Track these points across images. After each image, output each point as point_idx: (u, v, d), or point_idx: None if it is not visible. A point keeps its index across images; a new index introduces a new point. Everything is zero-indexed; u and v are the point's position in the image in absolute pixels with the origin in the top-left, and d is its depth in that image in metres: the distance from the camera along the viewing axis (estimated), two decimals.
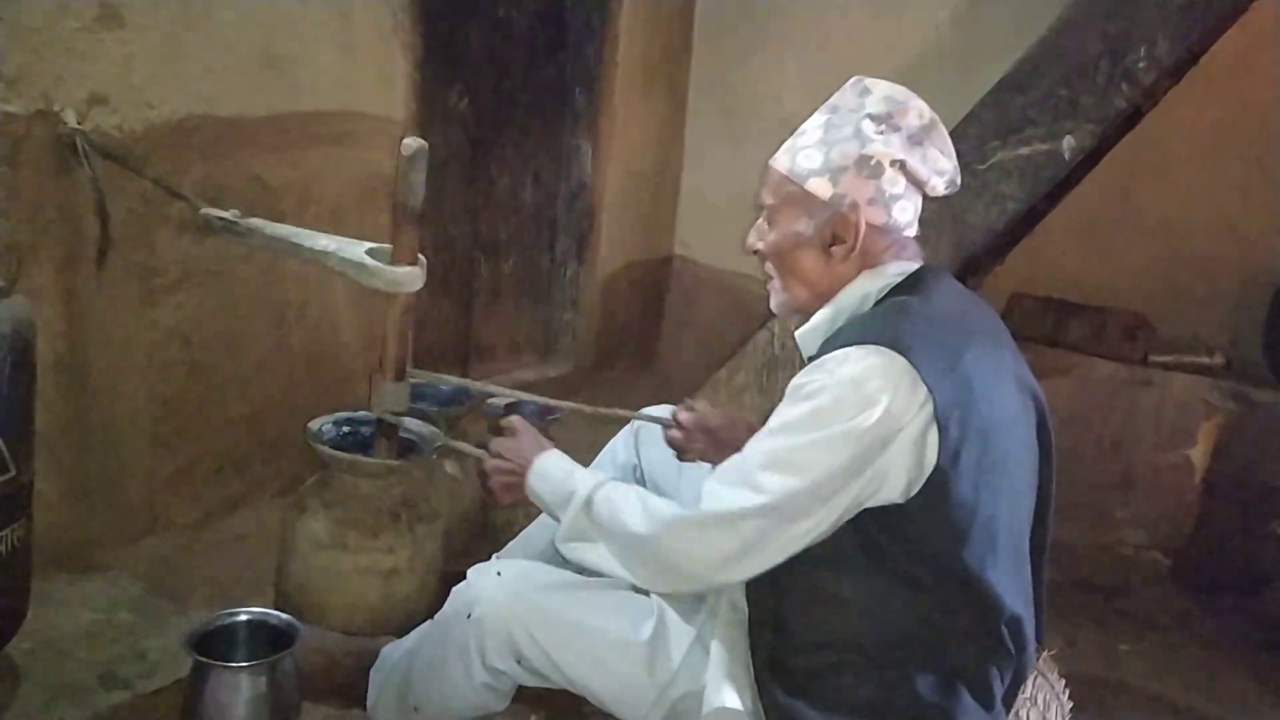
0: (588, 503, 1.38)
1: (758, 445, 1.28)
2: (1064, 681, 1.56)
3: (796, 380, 1.28)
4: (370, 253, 1.70)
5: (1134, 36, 2.24)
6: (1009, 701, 1.37)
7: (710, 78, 3.62)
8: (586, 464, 1.83)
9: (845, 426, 1.21)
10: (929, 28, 3.14)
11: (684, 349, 3.76)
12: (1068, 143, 2.32)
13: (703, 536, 1.28)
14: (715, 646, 1.35)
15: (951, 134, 1.39)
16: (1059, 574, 1.47)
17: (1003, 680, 1.33)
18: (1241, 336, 3.06)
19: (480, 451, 1.58)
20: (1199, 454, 2.83)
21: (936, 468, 1.21)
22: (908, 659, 1.28)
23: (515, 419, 1.59)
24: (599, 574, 1.40)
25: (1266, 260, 3.05)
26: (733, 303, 3.52)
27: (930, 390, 1.20)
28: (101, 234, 1.87)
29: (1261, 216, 3.07)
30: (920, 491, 1.23)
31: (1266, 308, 2.99)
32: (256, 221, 1.84)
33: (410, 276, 1.68)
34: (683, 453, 1.73)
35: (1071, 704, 1.56)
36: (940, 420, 1.21)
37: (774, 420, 1.28)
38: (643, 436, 1.84)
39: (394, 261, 1.68)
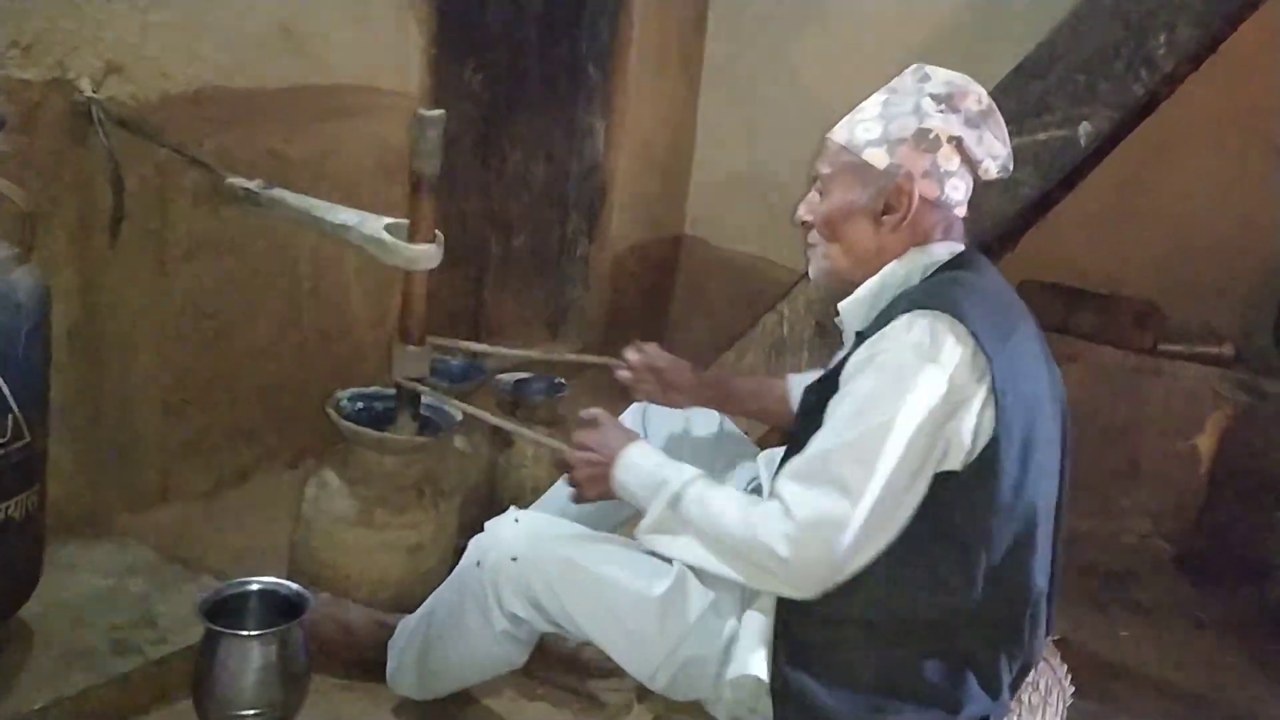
0: (676, 498, 1.33)
1: (834, 436, 1.25)
2: (1066, 667, 1.57)
3: (859, 354, 1.28)
4: (389, 228, 1.70)
5: (1155, 22, 2.22)
6: (1015, 689, 1.38)
7: (724, 57, 3.60)
8: None
9: (914, 398, 1.21)
10: (947, 9, 3.12)
11: (693, 329, 3.76)
12: (1084, 129, 2.30)
13: (798, 549, 1.22)
14: (751, 613, 1.35)
15: None
16: (1063, 560, 1.47)
17: (1011, 669, 1.34)
18: (1253, 326, 3.05)
19: (560, 444, 1.54)
20: (1206, 443, 2.83)
21: (992, 439, 1.23)
22: (918, 641, 1.29)
23: (597, 410, 1.53)
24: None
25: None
26: (742, 284, 3.52)
27: (989, 359, 1.22)
28: (116, 203, 1.88)
29: (1276, 207, 3.05)
30: (974, 463, 1.24)
31: (1279, 298, 2.97)
32: (278, 192, 1.84)
33: (428, 254, 1.69)
34: (633, 391, 1.81)
35: (1074, 689, 1.57)
36: (997, 390, 1.22)
37: (845, 402, 1.26)
38: (650, 414, 1.85)
39: (412, 238, 1.68)
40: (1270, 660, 2.40)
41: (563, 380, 2.33)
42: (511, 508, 1.67)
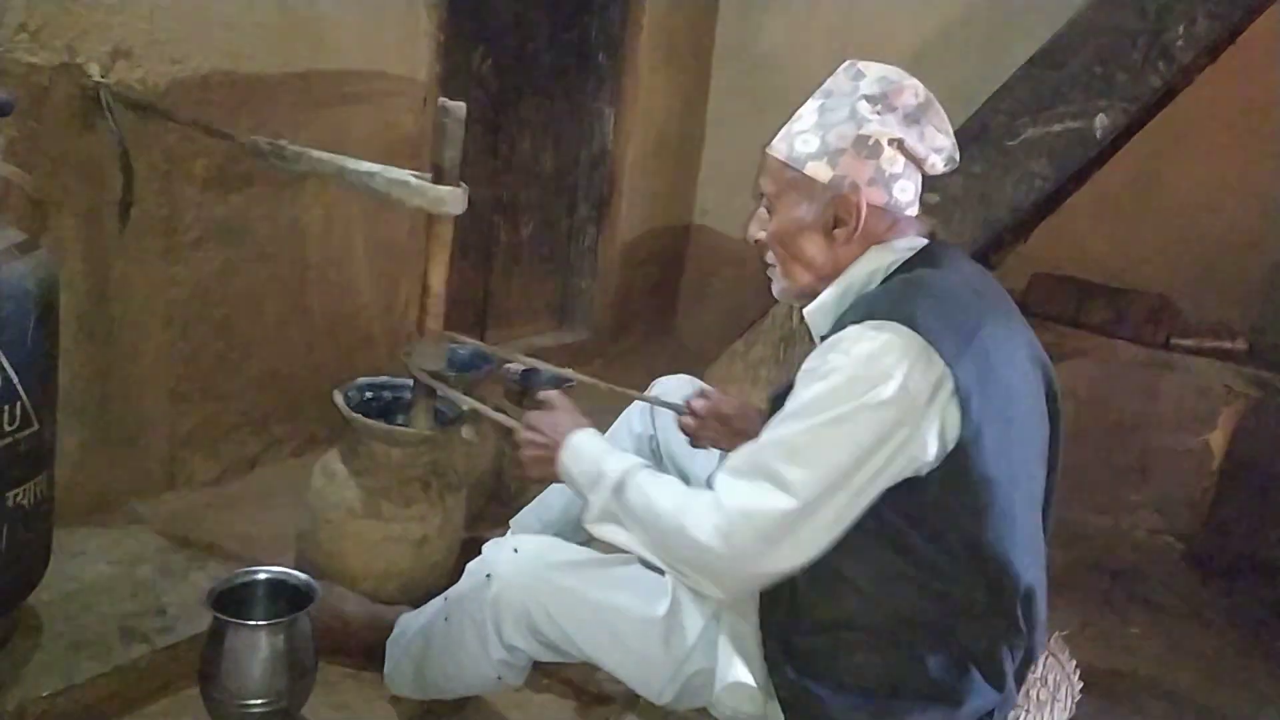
0: (619, 487, 1.34)
1: (775, 432, 1.24)
2: (1075, 663, 1.56)
3: (809, 363, 1.26)
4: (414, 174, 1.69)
5: (1174, 14, 2.19)
6: (1019, 680, 1.37)
7: (734, 45, 3.58)
8: (603, 430, 1.84)
9: (860, 403, 1.19)
10: None
11: (701, 318, 3.75)
12: (1100, 121, 2.28)
13: (728, 539, 1.22)
14: (728, 623, 1.36)
15: (982, 109, 1.37)
16: (1072, 556, 1.47)
17: (1014, 659, 1.33)
18: (1266, 321, 3.03)
19: (515, 423, 1.54)
20: (1217, 439, 2.81)
21: (958, 444, 1.20)
22: (918, 639, 1.28)
23: (553, 393, 1.55)
24: (627, 552, 1.38)
25: None
26: (751, 273, 3.46)
27: (948, 365, 1.19)
28: (125, 189, 1.87)
29: None
30: (940, 467, 1.21)
31: None
32: (300, 148, 1.82)
33: (455, 195, 1.68)
34: (695, 439, 1.71)
35: (1082, 684, 1.56)
36: (961, 396, 1.19)
37: (790, 404, 1.25)
38: (658, 411, 1.84)
39: (437, 181, 1.67)
40: (1277, 656, 2.39)
41: (571, 372, 2.32)
42: (510, 535, 1.66)
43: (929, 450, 1.21)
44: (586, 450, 1.42)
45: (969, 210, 2.40)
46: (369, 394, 1.92)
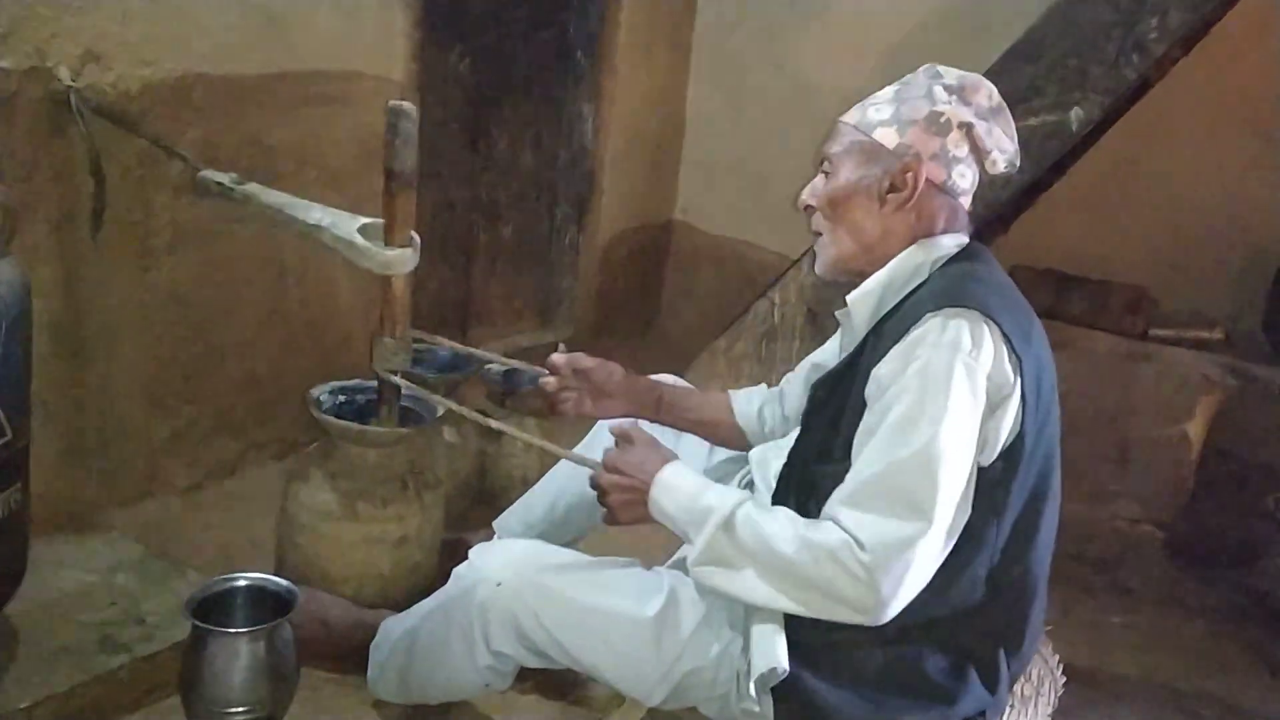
0: (728, 523, 1.26)
1: (892, 452, 1.20)
2: (1058, 657, 1.57)
3: (891, 363, 1.23)
4: (363, 229, 1.67)
5: (1146, 6, 2.20)
6: (1012, 685, 1.38)
7: (714, 41, 3.57)
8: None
9: (960, 398, 1.19)
10: None
11: (683, 316, 3.75)
12: (1075, 114, 2.29)
13: (876, 577, 1.17)
14: (725, 618, 1.36)
15: None
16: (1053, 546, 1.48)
17: (1009, 666, 1.34)
18: (1243, 312, 3.05)
19: (595, 461, 1.44)
20: (1196, 429, 2.83)
21: (1017, 436, 1.23)
22: (921, 638, 1.29)
23: (629, 427, 1.43)
24: (738, 601, 1.32)
25: (1270, 235, 3.03)
26: (733, 270, 3.51)
27: (1020, 358, 1.22)
28: (97, 194, 1.85)
29: (1267, 191, 3.05)
30: (998, 459, 1.23)
31: (1269, 283, 2.98)
32: (253, 188, 1.80)
33: (401, 259, 1.65)
34: (557, 403, 1.66)
35: (1065, 678, 1.57)
36: (1025, 389, 1.22)
37: (891, 415, 1.21)
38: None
39: (387, 240, 1.65)
40: (1259, 646, 2.42)
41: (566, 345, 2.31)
42: (496, 539, 1.63)
43: (999, 439, 1.23)
44: (682, 486, 1.33)
45: None
46: (342, 397, 1.91)
